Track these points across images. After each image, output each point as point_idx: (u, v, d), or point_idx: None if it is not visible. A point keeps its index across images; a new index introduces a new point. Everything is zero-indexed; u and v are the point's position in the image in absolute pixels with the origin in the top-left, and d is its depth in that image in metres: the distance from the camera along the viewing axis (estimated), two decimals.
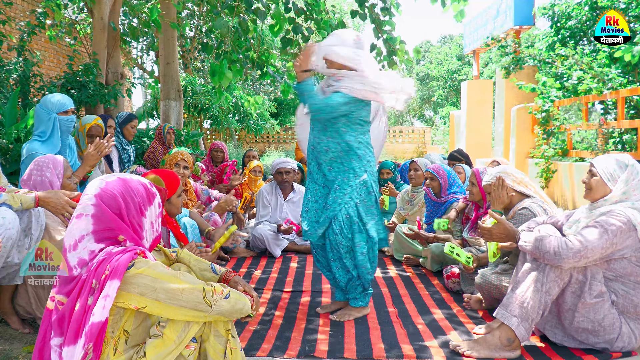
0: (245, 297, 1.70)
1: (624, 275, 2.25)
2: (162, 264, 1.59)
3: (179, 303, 1.53)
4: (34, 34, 6.21)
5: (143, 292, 1.51)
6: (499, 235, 2.42)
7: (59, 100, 3.28)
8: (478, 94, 11.71)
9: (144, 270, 1.52)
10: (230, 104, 11.90)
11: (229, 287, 1.71)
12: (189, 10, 10.61)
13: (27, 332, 2.43)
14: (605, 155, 2.39)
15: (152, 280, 1.52)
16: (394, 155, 17.26)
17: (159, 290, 1.52)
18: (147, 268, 1.53)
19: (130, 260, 1.52)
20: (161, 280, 1.52)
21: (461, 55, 24.19)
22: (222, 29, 4.63)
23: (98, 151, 3.06)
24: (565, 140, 7.34)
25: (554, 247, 2.17)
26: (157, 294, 1.52)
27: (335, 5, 17.65)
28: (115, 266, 1.48)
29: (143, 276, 1.51)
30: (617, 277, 2.26)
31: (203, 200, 4.43)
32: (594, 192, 2.35)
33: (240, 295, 1.69)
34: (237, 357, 1.70)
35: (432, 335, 2.57)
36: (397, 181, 5.17)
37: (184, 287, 1.54)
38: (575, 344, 2.35)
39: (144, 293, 1.51)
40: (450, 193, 3.85)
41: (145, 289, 1.51)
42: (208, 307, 1.57)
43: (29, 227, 2.35)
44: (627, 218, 2.17)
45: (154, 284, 1.52)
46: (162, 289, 1.52)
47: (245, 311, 1.69)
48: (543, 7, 8.99)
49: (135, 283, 1.50)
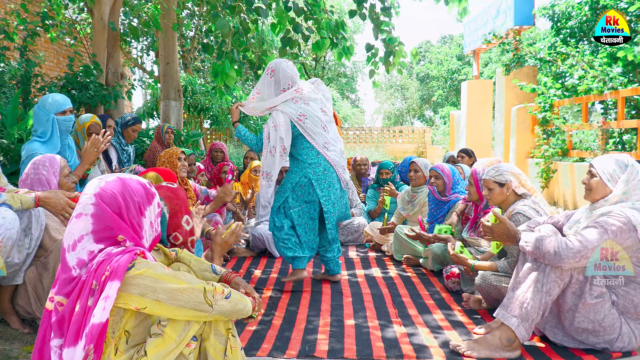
0: (246, 298, 1.70)
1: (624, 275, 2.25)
2: (162, 265, 1.59)
3: (179, 303, 1.53)
4: (37, 35, 6.21)
5: (143, 293, 1.50)
6: (500, 234, 2.42)
7: (57, 100, 3.28)
8: (478, 94, 11.71)
9: (144, 271, 1.51)
10: (230, 104, 11.89)
11: (230, 287, 1.71)
12: (189, 10, 10.61)
13: (27, 332, 2.43)
14: (604, 156, 2.39)
15: (152, 281, 1.51)
16: (394, 156, 17.27)
17: (159, 291, 1.51)
18: (148, 269, 1.52)
19: (130, 261, 1.51)
20: (161, 281, 1.52)
21: (461, 55, 24.20)
22: (222, 29, 4.63)
23: (95, 148, 3.06)
24: (565, 140, 7.34)
25: (554, 248, 2.17)
26: (157, 295, 1.51)
27: (335, 5, 17.66)
28: (115, 267, 1.48)
29: (143, 277, 1.51)
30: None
31: (202, 200, 4.43)
32: (594, 193, 2.35)
33: (241, 296, 1.68)
34: (237, 356, 1.70)
35: (432, 335, 2.57)
36: (396, 181, 5.17)
37: (184, 287, 1.54)
38: (575, 344, 2.35)
39: (145, 294, 1.50)
40: (455, 192, 3.86)
41: (145, 289, 1.50)
42: (209, 307, 1.57)
43: (29, 227, 2.35)
44: (627, 218, 2.17)
45: (154, 285, 1.51)
46: (163, 290, 1.51)
47: (246, 312, 1.69)
48: (543, 7, 8.98)
49: (136, 284, 1.50)
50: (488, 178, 2.90)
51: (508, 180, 2.83)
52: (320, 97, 3.37)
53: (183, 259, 1.91)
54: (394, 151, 18.30)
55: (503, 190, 2.83)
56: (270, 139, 3.21)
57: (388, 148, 18.43)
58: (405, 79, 30.00)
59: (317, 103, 3.32)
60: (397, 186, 5.08)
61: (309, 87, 3.36)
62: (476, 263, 2.81)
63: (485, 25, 11.14)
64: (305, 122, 3.22)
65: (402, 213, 4.47)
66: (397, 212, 4.55)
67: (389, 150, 18.21)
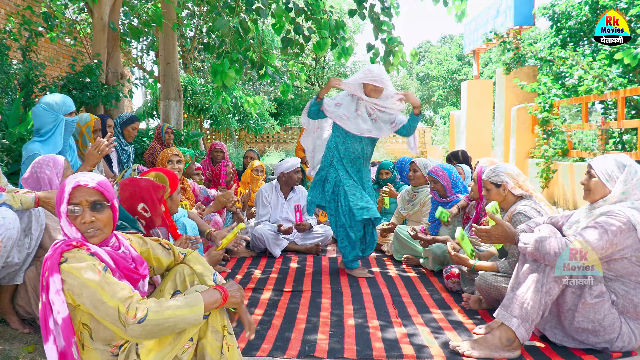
0: (193, 308, 1.59)
1: (624, 275, 2.25)
2: (93, 267, 1.55)
3: (100, 314, 1.52)
4: (40, 36, 6.21)
5: (74, 292, 1.52)
6: (498, 237, 2.42)
7: (65, 101, 3.25)
8: (478, 94, 11.70)
9: (72, 270, 1.52)
10: (230, 104, 11.89)
11: (166, 303, 1.59)
12: (189, 10, 10.60)
13: (27, 332, 2.43)
14: (602, 156, 2.39)
15: (80, 283, 1.51)
16: (394, 156, 17.26)
17: (84, 296, 1.52)
18: (77, 270, 1.52)
19: (62, 253, 1.54)
20: (88, 286, 1.51)
21: (461, 55, 24.18)
22: (222, 29, 4.62)
23: (98, 150, 3.05)
24: (565, 140, 7.34)
25: (555, 249, 2.17)
26: (83, 299, 1.52)
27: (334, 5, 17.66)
28: (50, 263, 1.53)
29: (73, 276, 1.52)
30: (617, 277, 2.26)
31: (201, 200, 4.43)
32: (593, 194, 2.35)
33: (174, 311, 1.55)
34: (234, 354, 1.70)
35: (432, 335, 2.57)
36: (396, 181, 5.16)
37: (103, 300, 1.51)
38: (575, 344, 2.35)
39: (75, 293, 1.52)
40: (457, 192, 3.85)
41: (73, 289, 1.52)
42: (122, 327, 1.52)
43: (29, 227, 2.35)
44: (626, 218, 2.17)
45: (81, 288, 1.51)
46: (87, 296, 1.51)
47: (185, 324, 1.58)
48: (543, 7, 8.98)
49: (66, 280, 1.52)
50: (485, 179, 2.94)
51: (504, 181, 2.86)
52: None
53: (189, 262, 1.91)
54: (394, 151, 18.30)
55: (499, 191, 2.88)
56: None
57: (388, 148, 18.43)
58: (405, 79, 29.98)
59: None
60: (397, 186, 5.07)
61: None
62: (476, 263, 2.81)
63: (485, 25, 11.14)
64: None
65: (402, 213, 4.46)
66: (397, 212, 4.55)
67: (389, 150, 18.21)
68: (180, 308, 1.56)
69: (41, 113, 3.18)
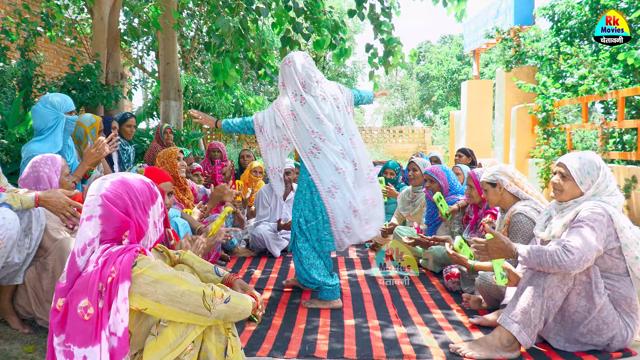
0: (247, 299, 1.69)
1: (605, 269, 2.28)
2: (163, 264, 1.58)
3: (178, 306, 1.52)
4: (39, 35, 6.21)
5: (144, 293, 1.49)
6: (496, 250, 2.35)
7: (65, 100, 3.25)
8: (478, 94, 11.71)
9: (145, 270, 1.51)
10: (230, 104, 11.89)
11: (231, 290, 1.71)
12: (189, 10, 10.60)
13: (27, 332, 2.43)
14: (575, 155, 2.37)
15: (153, 281, 1.50)
16: (394, 156, 17.27)
17: (159, 292, 1.50)
18: (149, 268, 1.52)
19: (133, 259, 1.51)
20: (162, 281, 1.51)
21: (461, 55, 24.20)
22: (223, 28, 4.62)
23: (97, 150, 3.03)
24: (566, 140, 7.34)
25: (556, 262, 2.14)
26: (157, 296, 1.50)
27: (334, 6, 17.66)
28: (121, 268, 1.48)
29: (145, 276, 1.50)
30: (602, 273, 2.27)
31: (199, 199, 4.43)
32: (565, 195, 2.36)
33: (241, 298, 1.67)
34: (238, 356, 1.70)
35: (432, 335, 2.57)
36: (398, 182, 5.16)
37: (183, 289, 1.53)
38: (578, 347, 2.33)
39: (145, 294, 1.50)
40: (452, 194, 3.85)
41: (146, 289, 1.50)
42: (207, 312, 1.55)
43: (29, 227, 2.35)
44: (604, 210, 2.22)
45: (155, 285, 1.50)
46: (163, 291, 1.50)
47: (245, 314, 1.68)
48: (543, 7, 8.98)
49: (137, 283, 1.49)
50: (482, 180, 2.96)
51: (499, 180, 2.87)
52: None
53: (186, 261, 1.91)
54: (394, 151, 18.30)
55: (496, 190, 2.89)
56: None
57: (388, 148, 18.44)
58: (405, 79, 30.00)
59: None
60: (399, 187, 5.07)
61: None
62: (476, 263, 2.81)
63: (485, 25, 11.15)
64: None
65: (402, 213, 4.46)
66: (398, 212, 4.55)
67: (389, 150, 18.21)
68: (239, 297, 1.66)
69: (42, 111, 3.18)
